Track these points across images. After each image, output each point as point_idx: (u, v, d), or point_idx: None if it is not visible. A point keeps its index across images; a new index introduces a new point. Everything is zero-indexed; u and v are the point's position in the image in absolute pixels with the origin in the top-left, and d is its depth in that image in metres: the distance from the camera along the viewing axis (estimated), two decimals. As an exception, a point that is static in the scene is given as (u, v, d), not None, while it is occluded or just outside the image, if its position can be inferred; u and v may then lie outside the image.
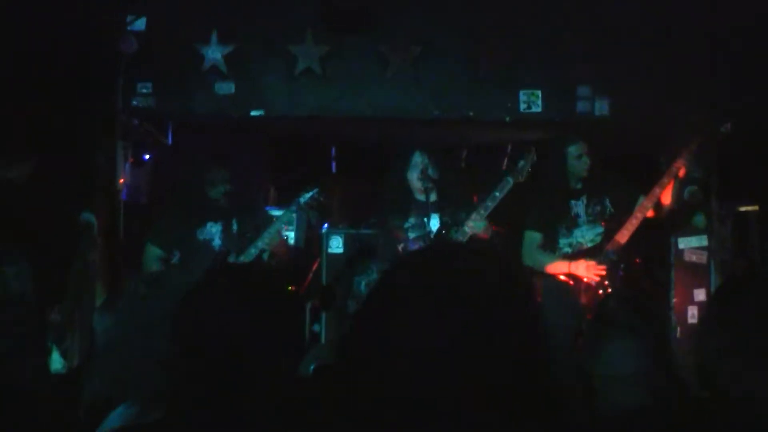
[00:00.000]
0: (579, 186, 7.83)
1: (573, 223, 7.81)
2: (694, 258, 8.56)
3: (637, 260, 7.83)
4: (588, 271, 7.53)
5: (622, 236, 7.59)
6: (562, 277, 7.64)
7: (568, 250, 7.78)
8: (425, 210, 7.76)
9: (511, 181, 7.71)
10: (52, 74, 7.50)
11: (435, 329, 1.69)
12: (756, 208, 9.46)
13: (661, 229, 8.30)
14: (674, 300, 8.55)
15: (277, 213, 8.20)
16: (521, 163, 7.87)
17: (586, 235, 7.77)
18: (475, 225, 7.59)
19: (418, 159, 7.90)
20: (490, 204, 7.65)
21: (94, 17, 8.05)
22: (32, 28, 7.39)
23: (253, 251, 7.49)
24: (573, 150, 7.81)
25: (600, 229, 7.75)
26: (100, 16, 8.13)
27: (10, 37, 7.29)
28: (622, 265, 7.63)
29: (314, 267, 9.30)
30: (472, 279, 1.78)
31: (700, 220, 8.56)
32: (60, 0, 7.68)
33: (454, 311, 1.71)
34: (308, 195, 7.76)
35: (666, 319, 8.47)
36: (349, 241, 9.13)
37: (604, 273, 7.51)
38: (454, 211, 7.87)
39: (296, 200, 7.77)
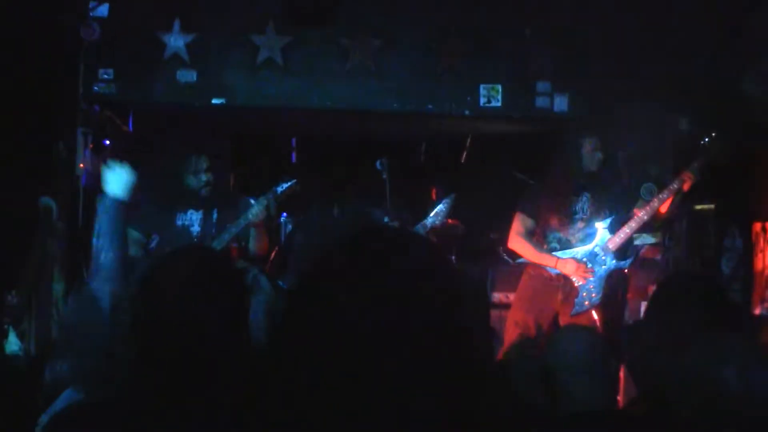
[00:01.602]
0: (583, 182, 7.79)
1: (568, 219, 7.75)
2: (648, 254, 8.62)
3: (626, 270, 7.81)
4: (577, 271, 7.48)
5: (613, 243, 7.58)
6: (545, 271, 7.61)
7: (555, 245, 7.73)
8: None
9: (428, 225, 7.83)
10: (12, 59, 7.49)
11: (366, 310, 1.72)
12: (712, 206, 9.54)
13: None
14: (628, 295, 8.62)
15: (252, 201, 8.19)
16: (440, 207, 7.99)
17: (577, 234, 7.72)
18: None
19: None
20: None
21: (57, 3, 8.05)
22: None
23: (226, 237, 7.46)
24: (588, 143, 7.78)
25: (592, 230, 7.72)
26: (63, 2, 8.12)
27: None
28: (609, 272, 7.62)
29: (273, 256, 9.32)
30: (401, 258, 1.81)
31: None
32: (23, -15, 7.68)
33: (385, 294, 1.73)
34: (286, 185, 7.72)
35: (620, 314, 8.55)
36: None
37: (592, 276, 7.50)
38: (399, 213, 7.94)
39: (273, 189, 7.73)
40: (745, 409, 2.66)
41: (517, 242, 7.70)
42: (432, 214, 8.41)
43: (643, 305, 8.45)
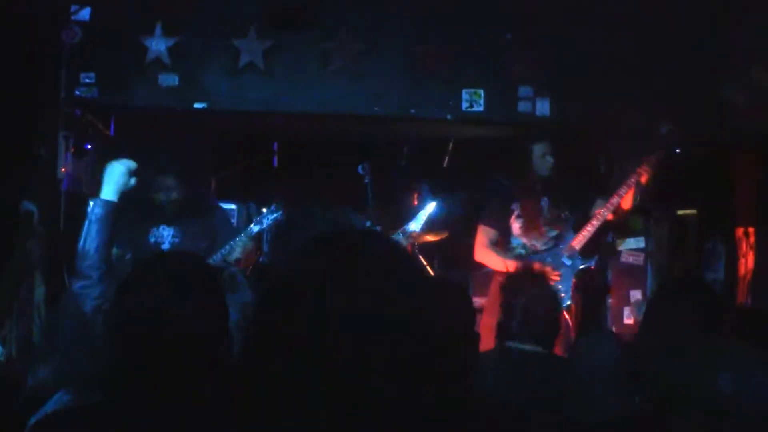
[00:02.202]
0: (539, 187, 7.85)
1: (530, 224, 7.79)
2: (631, 260, 8.63)
3: (591, 267, 7.85)
4: None
5: (578, 242, 7.62)
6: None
7: (521, 251, 7.78)
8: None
9: (408, 231, 7.86)
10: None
11: (336, 310, 1.74)
12: (694, 211, 9.57)
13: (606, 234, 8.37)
14: (610, 300, 8.63)
15: (230, 206, 8.14)
16: (421, 214, 8.03)
17: (541, 238, 7.78)
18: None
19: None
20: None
21: (38, 6, 8.02)
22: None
23: (215, 258, 7.43)
24: (538, 149, 7.84)
25: (555, 232, 7.77)
26: (44, 6, 8.10)
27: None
28: (575, 271, 7.66)
29: (252, 260, 9.30)
30: (375, 259, 1.82)
31: (638, 222, 8.63)
32: (4, -12, 7.65)
33: (359, 293, 1.76)
34: (271, 217, 7.73)
35: (602, 320, 8.56)
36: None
37: (558, 278, 7.53)
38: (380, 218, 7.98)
39: (259, 219, 7.72)
40: (741, 414, 2.66)
41: (483, 253, 7.78)
42: (413, 221, 8.42)
43: (626, 311, 8.47)
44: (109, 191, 4.83)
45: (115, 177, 4.88)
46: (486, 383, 4.06)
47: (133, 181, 4.96)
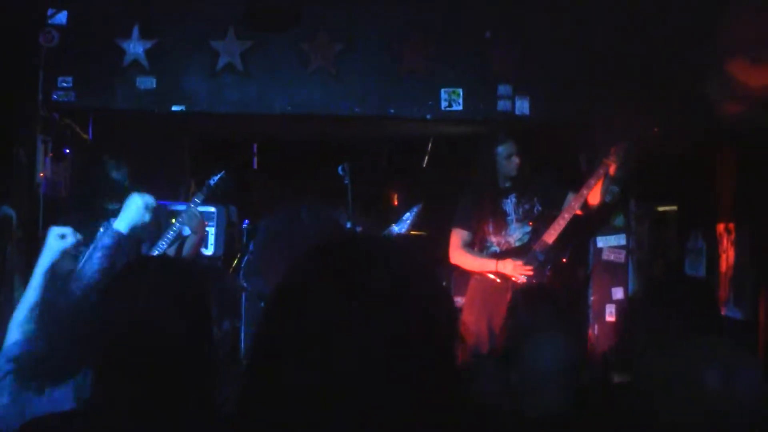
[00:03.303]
0: (508, 185, 7.88)
1: (502, 222, 7.86)
2: (612, 257, 8.64)
3: (564, 260, 7.90)
4: (515, 270, 7.59)
5: (550, 236, 7.66)
6: (489, 276, 7.70)
7: (496, 249, 7.83)
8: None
9: (392, 234, 7.86)
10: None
11: (346, 317, 1.71)
12: (674, 208, 9.59)
13: (585, 228, 8.39)
14: (592, 298, 8.64)
15: (180, 207, 8.12)
16: (407, 215, 8.04)
17: (515, 234, 7.83)
18: None
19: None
20: None
21: (15, 10, 7.99)
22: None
23: (162, 245, 7.40)
24: (502, 150, 7.87)
25: (528, 228, 7.81)
26: (21, 9, 8.06)
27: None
28: (549, 265, 7.70)
29: (234, 263, 9.30)
30: (382, 265, 1.80)
31: (619, 220, 8.65)
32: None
33: (365, 298, 1.73)
34: (216, 178, 7.70)
35: (583, 317, 8.57)
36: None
37: (531, 272, 7.57)
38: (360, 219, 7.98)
39: (207, 183, 7.70)
40: (728, 413, 2.66)
41: (458, 255, 7.83)
42: (397, 223, 8.41)
43: (608, 308, 8.48)
44: (122, 223, 4.84)
45: (132, 210, 4.88)
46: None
47: (148, 216, 4.96)
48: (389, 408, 1.69)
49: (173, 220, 7.43)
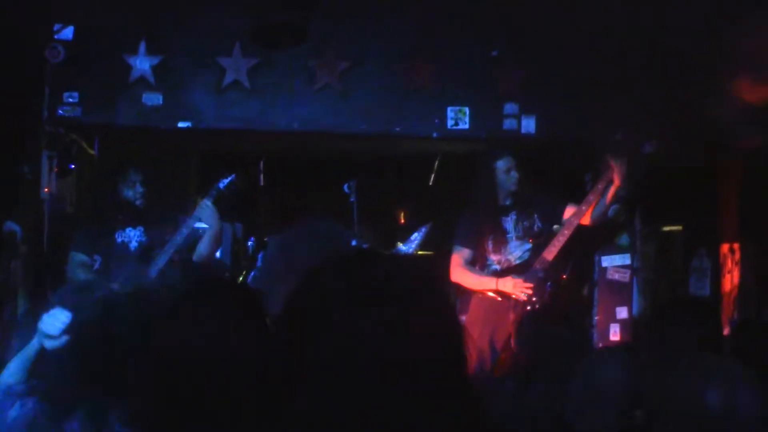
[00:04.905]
0: (508, 202, 7.86)
1: (502, 240, 7.83)
2: (617, 276, 8.62)
3: (564, 276, 7.87)
4: (515, 287, 7.54)
5: (550, 253, 7.62)
6: (490, 294, 7.67)
7: (496, 267, 7.79)
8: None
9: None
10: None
11: (360, 333, 1.71)
12: (680, 228, 9.58)
13: (585, 246, 8.37)
14: (597, 318, 8.62)
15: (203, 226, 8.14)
16: (415, 235, 8.05)
17: (515, 252, 7.79)
18: None
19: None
20: None
21: (21, 25, 8.01)
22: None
23: (170, 249, 7.42)
24: (501, 165, 7.84)
25: (528, 246, 7.78)
26: (28, 25, 8.08)
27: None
28: (548, 282, 7.67)
29: (240, 279, 9.29)
30: (396, 282, 1.79)
31: (624, 239, 8.63)
32: (-14, 7, 7.63)
33: (379, 315, 1.72)
34: (226, 181, 7.71)
35: (588, 337, 8.54)
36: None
37: (531, 290, 7.54)
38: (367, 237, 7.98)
39: (215, 186, 7.70)
40: (728, 429, 2.66)
41: (459, 274, 7.78)
42: (405, 243, 8.40)
43: (612, 327, 8.46)
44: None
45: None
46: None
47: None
48: (405, 423, 1.68)
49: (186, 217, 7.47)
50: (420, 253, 8.78)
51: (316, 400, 1.69)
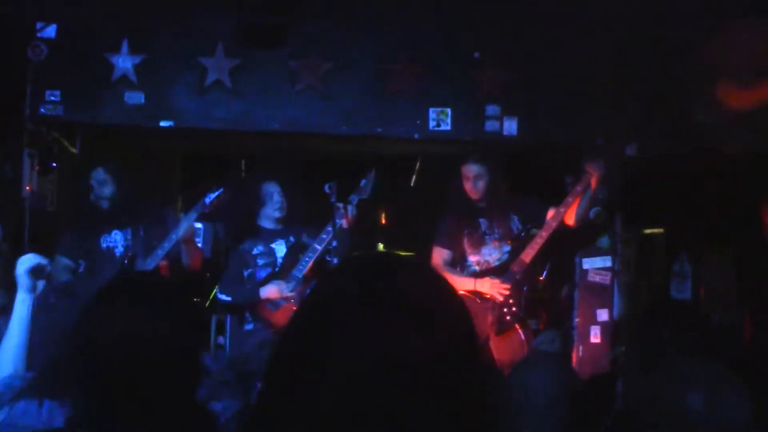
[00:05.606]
0: (482, 205, 7.89)
1: (480, 241, 7.86)
2: (597, 278, 8.63)
3: (541, 278, 7.90)
4: (492, 288, 7.58)
5: (527, 255, 7.65)
6: (468, 295, 7.67)
7: (475, 268, 7.82)
8: (271, 237, 7.91)
9: (353, 202, 7.83)
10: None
11: (375, 337, 1.69)
12: (661, 230, 9.60)
13: (566, 247, 8.39)
14: (577, 320, 8.62)
15: (197, 225, 8.15)
16: (363, 182, 8.01)
17: (494, 254, 7.83)
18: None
19: (271, 189, 7.99)
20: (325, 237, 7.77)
21: (3, 23, 7.98)
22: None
23: (159, 254, 7.44)
24: (466, 171, 7.90)
25: (507, 248, 7.81)
26: (10, 23, 8.05)
27: None
28: (525, 284, 7.70)
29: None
30: (412, 287, 1.78)
31: (605, 242, 8.64)
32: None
33: (395, 319, 1.71)
34: (213, 195, 7.73)
35: (568, 338, 8.55)
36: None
37: (508, 291, 7.57)
38: (297, 235, 7.98)
39: (201, 200, 7.72)
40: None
41: None
42: (356, 192, 8.33)
43: (593, 329, 8.47)
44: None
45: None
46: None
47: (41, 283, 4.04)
48: (418, 428, 1.68)
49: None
50: (401, 253, 8.76)
51: (324, 403, 1.68)
